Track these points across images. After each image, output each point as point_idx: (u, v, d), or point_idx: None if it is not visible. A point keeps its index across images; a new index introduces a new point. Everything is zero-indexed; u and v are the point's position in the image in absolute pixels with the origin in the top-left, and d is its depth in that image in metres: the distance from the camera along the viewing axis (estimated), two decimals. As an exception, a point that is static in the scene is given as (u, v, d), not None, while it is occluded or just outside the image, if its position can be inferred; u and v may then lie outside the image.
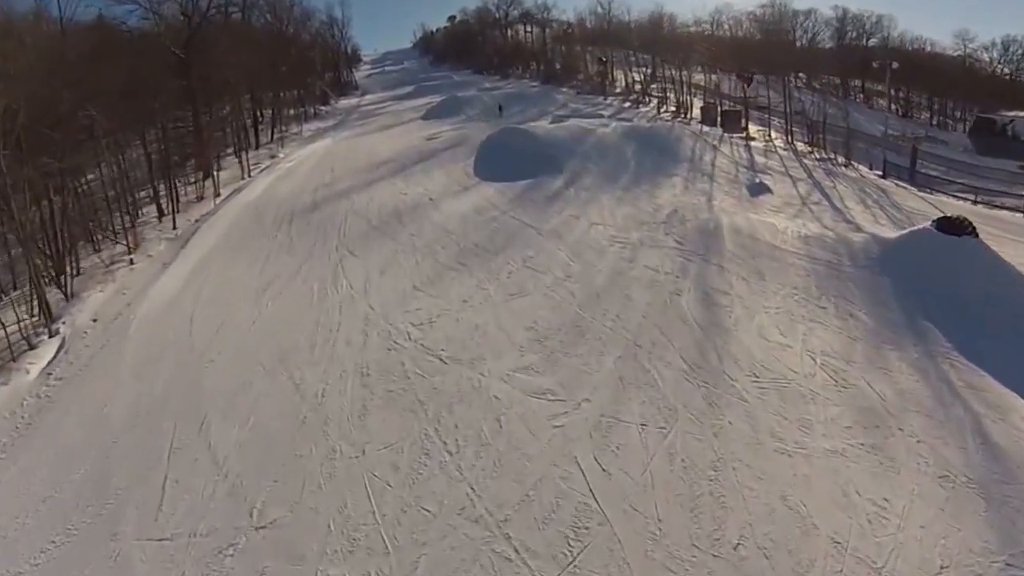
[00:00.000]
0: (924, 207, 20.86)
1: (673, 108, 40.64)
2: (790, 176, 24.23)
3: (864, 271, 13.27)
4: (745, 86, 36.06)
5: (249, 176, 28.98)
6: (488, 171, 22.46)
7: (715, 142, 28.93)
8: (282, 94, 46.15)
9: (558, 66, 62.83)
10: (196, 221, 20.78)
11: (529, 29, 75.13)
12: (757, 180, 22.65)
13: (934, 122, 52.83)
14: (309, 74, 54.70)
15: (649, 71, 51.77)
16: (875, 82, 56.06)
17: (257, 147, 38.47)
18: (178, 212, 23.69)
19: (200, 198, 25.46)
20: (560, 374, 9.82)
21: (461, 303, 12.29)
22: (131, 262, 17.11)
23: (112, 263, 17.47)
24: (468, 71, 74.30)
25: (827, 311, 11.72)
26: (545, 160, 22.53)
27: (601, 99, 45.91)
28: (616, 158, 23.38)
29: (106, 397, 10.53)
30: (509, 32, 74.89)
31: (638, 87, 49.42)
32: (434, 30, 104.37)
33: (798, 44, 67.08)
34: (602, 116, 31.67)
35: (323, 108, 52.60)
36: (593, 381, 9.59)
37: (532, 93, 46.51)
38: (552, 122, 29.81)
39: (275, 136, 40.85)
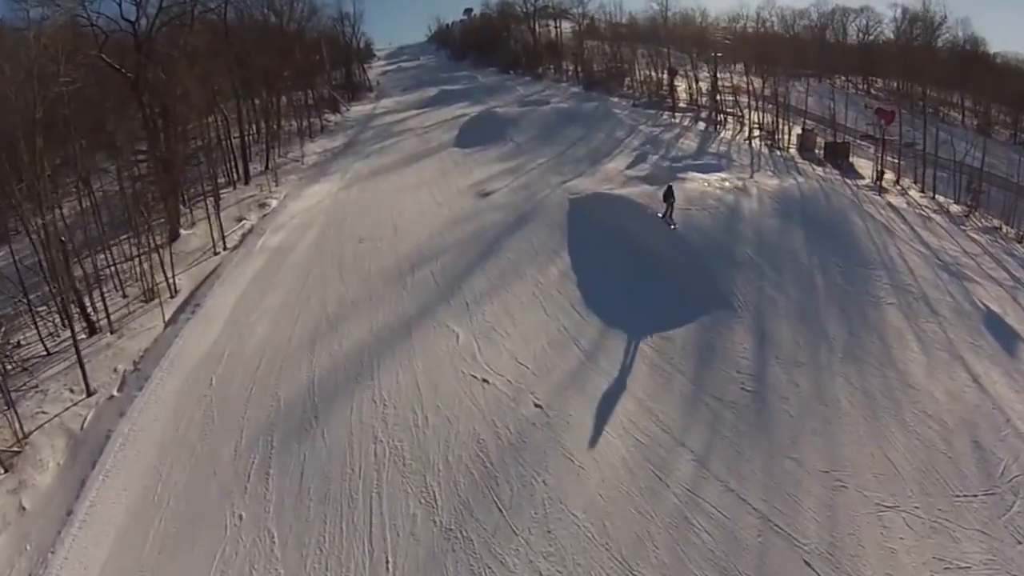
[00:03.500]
0: None
1: (758, 131, 32.42)
2: (993, 279, 16.37)
3: None
4: (884, 123, 27.41)
5: (224, 248, 20.38)
6: (604, 294, 13.94)
7: (856, 199, 20.83)
8: (281, 102, 37.28)
9: (596, 67, 53.72)
10: (121, 386, 12.26)
11: (556, 24, 65.75)
12: (983, 307, 14.48)
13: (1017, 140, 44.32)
14: (316, 75, 45.79)
15: (711, 77, 42.80)
16: (941, 88, 46.97)
17: (247, 181, 29.74)
18: (111, 331, 15.32)
19: (149, 295, 16.99)
20: None
21: None
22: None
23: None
24: (492, 70, 65.21)
25: None
26: (701, 279, 14.08)
27: (667, 115, 37.13)
28: (793, 267, 15.05)
29: None
30: (536, 27, 65.35)
31: (705, 99, 40.84)
32: (450, 23, 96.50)
33: (851, 43, 58.95)
34: (722, 169, 22.68)
35: (331, 119, 43.60)
36: None
37: (588, 110, 37.37)
38: (657, 181, 20.81)
39: (270, 164, 32.02)
